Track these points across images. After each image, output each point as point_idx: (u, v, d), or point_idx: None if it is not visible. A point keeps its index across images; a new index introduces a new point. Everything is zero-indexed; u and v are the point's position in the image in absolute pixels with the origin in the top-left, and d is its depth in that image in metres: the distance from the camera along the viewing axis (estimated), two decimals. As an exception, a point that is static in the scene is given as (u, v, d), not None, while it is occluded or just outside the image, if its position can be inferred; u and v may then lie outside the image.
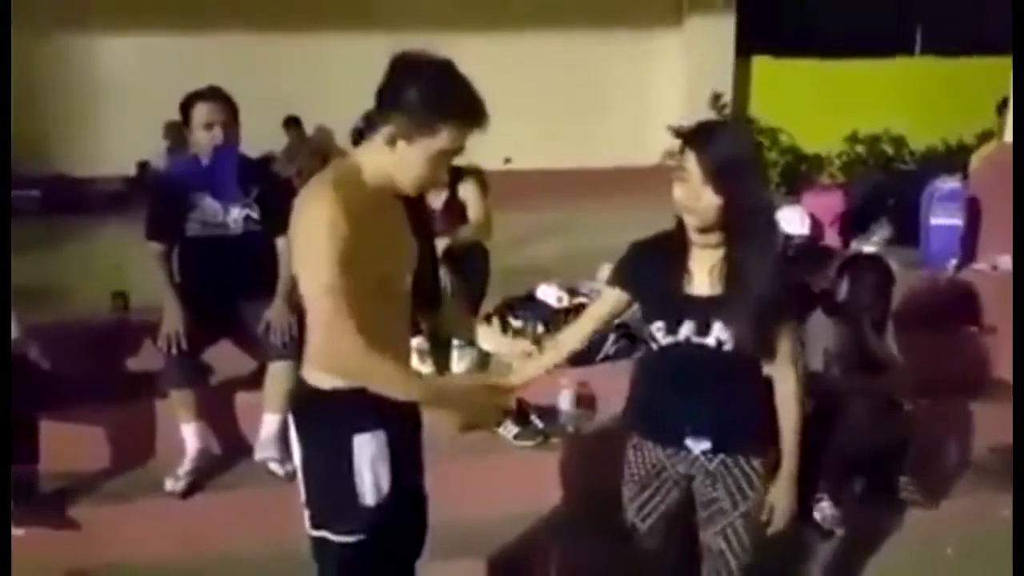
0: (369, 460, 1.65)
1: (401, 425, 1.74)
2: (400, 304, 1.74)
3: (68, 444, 2.79)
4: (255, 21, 6.61)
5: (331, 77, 6.33)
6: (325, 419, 1.67)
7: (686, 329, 1.77)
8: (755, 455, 1.84)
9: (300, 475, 1.72)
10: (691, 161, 1.68)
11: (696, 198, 1.69)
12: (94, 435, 2.89)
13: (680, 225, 1.77)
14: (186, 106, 2.83)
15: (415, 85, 1.54)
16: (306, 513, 1.73)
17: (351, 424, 1.64)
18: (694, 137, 1.72)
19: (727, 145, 1.69)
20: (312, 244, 1.52)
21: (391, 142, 1.57)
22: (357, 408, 1.63)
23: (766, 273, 1.69)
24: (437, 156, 1.58)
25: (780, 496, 1.86)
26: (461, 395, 1.81)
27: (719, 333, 1.74)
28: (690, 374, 1.81)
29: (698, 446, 1.83)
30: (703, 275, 1.77)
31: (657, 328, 1.80)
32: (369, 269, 1.56)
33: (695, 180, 1.68)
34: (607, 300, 1.94)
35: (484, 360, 3.13)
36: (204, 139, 2.80)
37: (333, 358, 1.57)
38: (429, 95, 1.53)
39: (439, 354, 3.13)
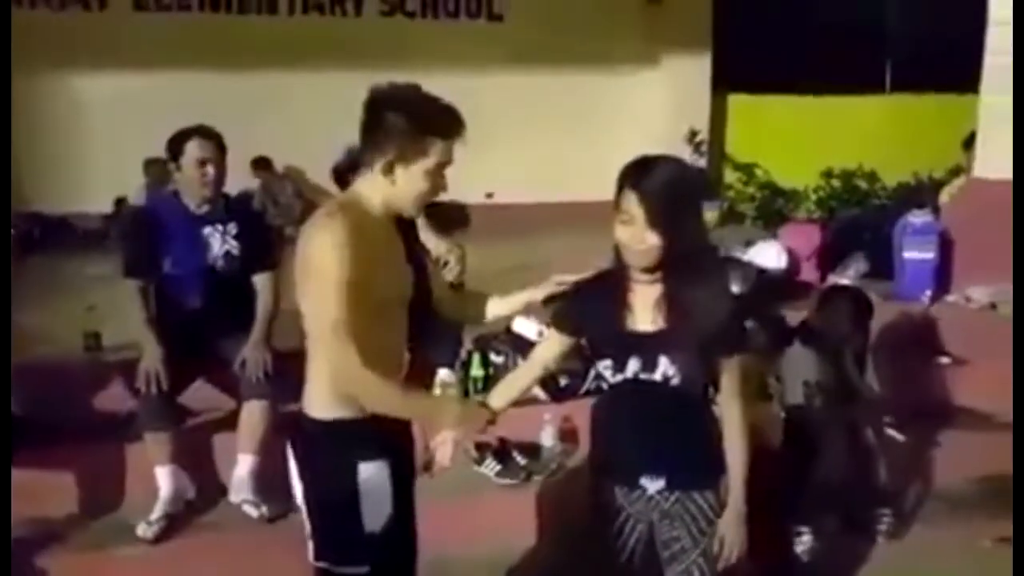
0: (374, 488, 1.67)
1: (400, 458, 1.77)
2: (397, 329, 1.78)
3: (36, 490, 2.71)
4: (230, 61, 6.63)
5: (303, 116, 6.38)
6: (329, 449, 1.70)
7: (633, 366, 1.72)
8: (709, 490, 1.81)
9: (303, 508, 1.74)
10: (632, 202, 1.63)
11: (640, 240, 1.64)
12: (63, 480, 2.81)
13: (619, 261, 1.73)
14: (177, 142, 2.82)
15: (399, 112, 1.64)
16: (310, 544, 1.74)
17: (356, 453, 1.67)
18: (634, 175, 1.65)
19: (668, 184, 1.64)
20: (321, 273, 1.58)
21: (388, 171, 1.66)
22: (361, 438, 1.68)
23: (709, 306, 1.68)
24: (434, 170, 1.69)
25: (728, 529, 1.81)
26: (451, 409, 1.87)
27: (665, 368, 1.70)
28: (641, 412, 1.78)
29: (653, 485, 1.79)
30: (646, 311, 1.72)
31: (605, 367, 1.77)
32: (371, 293, 1.62)
33: (638, 222, 1.63)
34: (552, 343, 1.91)
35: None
36: (196, 176, 2.80)
37: (342, 384, 1.65)
38: (415, 118, 1.64)
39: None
